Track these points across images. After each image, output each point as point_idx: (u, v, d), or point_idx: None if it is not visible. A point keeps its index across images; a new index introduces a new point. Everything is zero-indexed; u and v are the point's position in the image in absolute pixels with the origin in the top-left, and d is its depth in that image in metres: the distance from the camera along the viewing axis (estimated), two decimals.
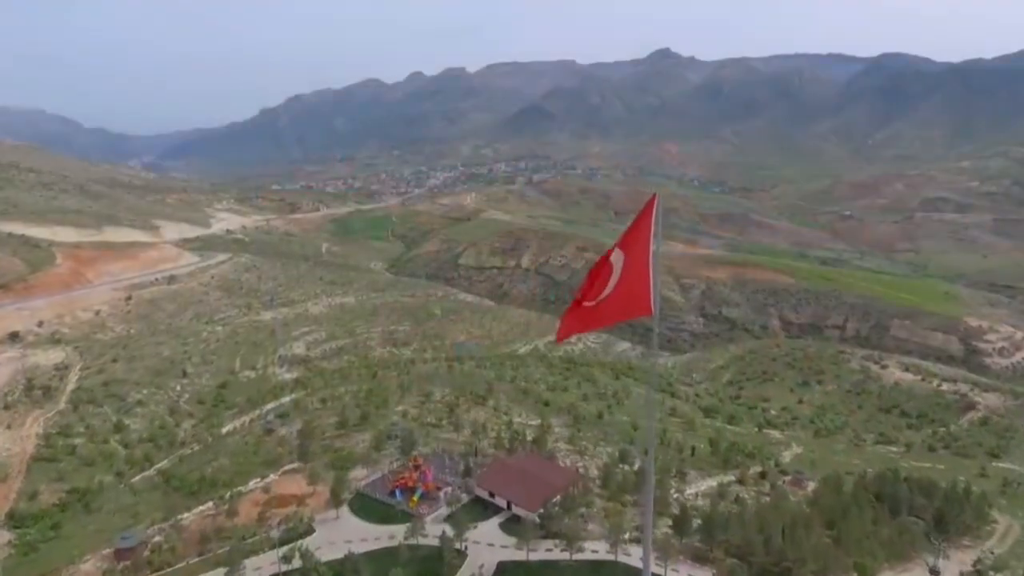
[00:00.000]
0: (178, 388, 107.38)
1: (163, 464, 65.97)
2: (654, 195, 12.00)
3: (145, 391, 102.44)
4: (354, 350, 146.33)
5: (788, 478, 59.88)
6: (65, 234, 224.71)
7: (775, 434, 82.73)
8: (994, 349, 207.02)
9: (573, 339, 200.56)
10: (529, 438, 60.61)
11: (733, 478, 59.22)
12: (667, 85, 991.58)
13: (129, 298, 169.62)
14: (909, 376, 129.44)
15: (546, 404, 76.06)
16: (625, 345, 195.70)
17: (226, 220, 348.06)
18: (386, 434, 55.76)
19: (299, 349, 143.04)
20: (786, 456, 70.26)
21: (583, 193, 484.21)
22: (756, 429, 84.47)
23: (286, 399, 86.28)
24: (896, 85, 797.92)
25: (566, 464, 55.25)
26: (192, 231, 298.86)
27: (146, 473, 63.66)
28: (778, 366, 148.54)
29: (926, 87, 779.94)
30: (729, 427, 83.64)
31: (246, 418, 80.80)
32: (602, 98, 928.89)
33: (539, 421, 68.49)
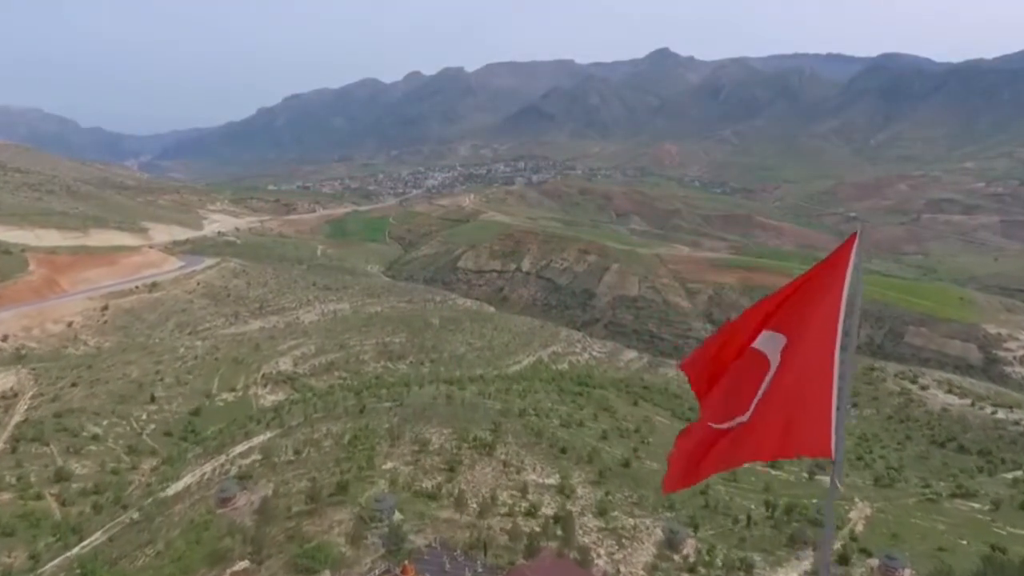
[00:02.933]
0: (144, 417, 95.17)
1: (90, 542, 53.65)
2: (853, 235, 6.53)
3: (104, 422, 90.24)
4: (345, 365, 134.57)
5: (875, 563, 48.73)
6: (48, 237, 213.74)
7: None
8: (1015, 358, 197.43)
9: (578, 349, 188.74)
10: (550, 512, 48.94)
11: (809, 566, 47.77)
12: (666, 85, 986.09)
13: (106, 308, 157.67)
14: (956, 400, 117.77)
15: (563, 451, 64.88)
16: (632, 354, 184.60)
17: (220, 222, 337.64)
18: (368, 514, 44.31)
19: (286, 365, 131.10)
20: (855, 519, 58.87)
21: (583, 194, 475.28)
22: (807, 476, 73.34)
23: (257, 440, 74.52)
24: (897, 85, 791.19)
25: (602, 562, 43.51)
26: (183, 233, 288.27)
27: (68, 555, 51.74)
28: None
29: (927, 87, 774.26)
30: (774, 472, 72.61)
31: (208, 467, 68.95)
32: (601, 98, 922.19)
33: (558, 477, 57.06)
